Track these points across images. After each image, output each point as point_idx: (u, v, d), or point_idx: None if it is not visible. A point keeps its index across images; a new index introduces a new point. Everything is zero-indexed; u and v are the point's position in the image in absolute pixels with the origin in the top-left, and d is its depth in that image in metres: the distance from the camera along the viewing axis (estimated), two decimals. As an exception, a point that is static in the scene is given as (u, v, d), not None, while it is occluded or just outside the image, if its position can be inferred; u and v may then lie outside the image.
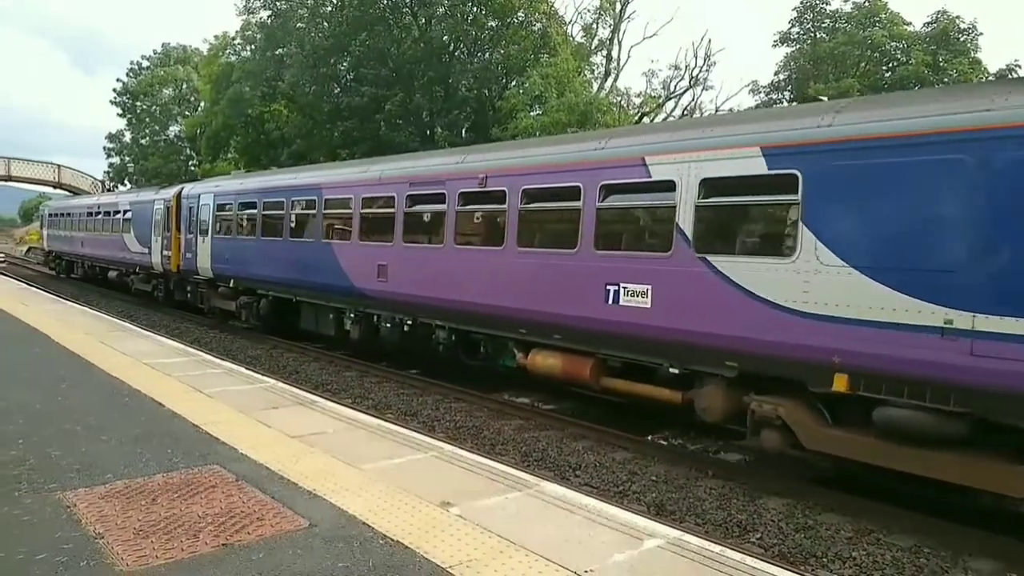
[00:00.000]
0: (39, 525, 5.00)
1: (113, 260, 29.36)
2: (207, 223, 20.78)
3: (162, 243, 23.58)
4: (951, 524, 7.47)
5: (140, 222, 25.75)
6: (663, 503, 8.22)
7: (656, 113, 41.29)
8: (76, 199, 42.57)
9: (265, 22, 44.75)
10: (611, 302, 9.58)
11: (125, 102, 77.31)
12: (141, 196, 27.13)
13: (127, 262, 27.41)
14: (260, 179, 19.99)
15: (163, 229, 23.50)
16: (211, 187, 21.67)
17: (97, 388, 9.40)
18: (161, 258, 23.67)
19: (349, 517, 5.32)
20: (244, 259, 18.95)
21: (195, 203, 21.73)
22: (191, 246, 21.63)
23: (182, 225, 22.35)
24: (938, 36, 38.13)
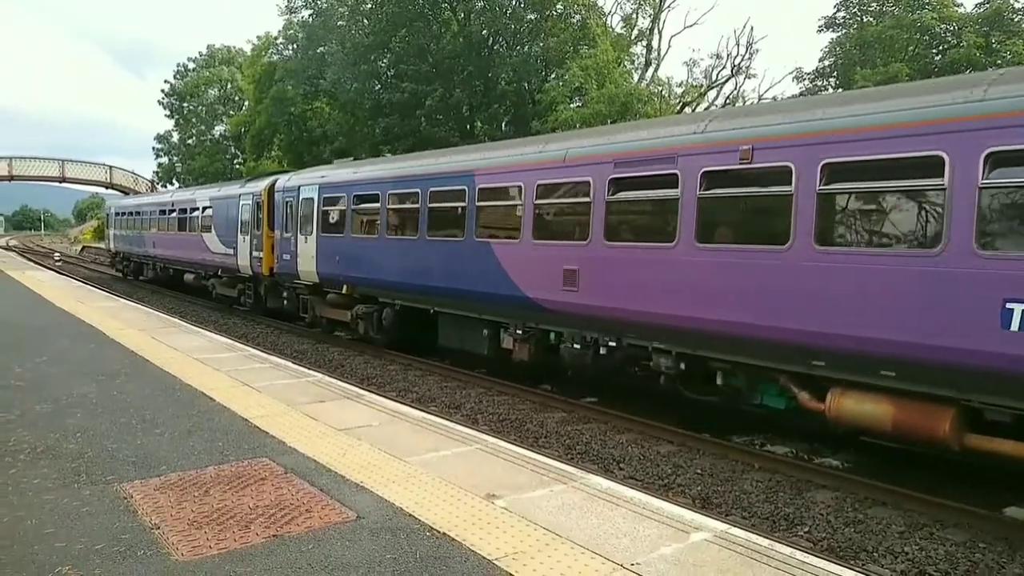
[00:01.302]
0: (98, 516, 5.16)
1: (190, 262, 26.83)
2: (311, 220, 18.00)
3: (251, 243, 21.04)
4: (1007, 518, 7.27)
5: (223, 220, 23.28)
6: (709, 496, 8.15)
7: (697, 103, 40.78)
8: (145, 196, 40.59)
9: (306, 21, 45.36)
10: (1013, 327, 6.54)
11: (172, 103, 79.16)
12: (223, 191, 24.32)
13: (207, 264, 24.85)
14: (382, 167, 16.77)
15: (252, 227, 21.01)
16: (314, 178, 18.57)
17: (150, 382, 9.65)
18: (250, 260, 21.13)
19: (396, 509, 5.38)
20: (362, 261, 16.08)
21: (293, 197, 18.92)
22: (289, 246, 18.88)
23: (276, 222, 19.72)
24: (991, 17, 36.92)
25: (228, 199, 23.11)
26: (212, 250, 24.11)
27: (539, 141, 12.71)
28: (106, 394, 8.88)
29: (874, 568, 6.44)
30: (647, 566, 4.53)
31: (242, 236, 21.66)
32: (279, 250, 19.49)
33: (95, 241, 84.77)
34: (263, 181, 21.30)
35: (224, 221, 23.18)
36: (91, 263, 50.96)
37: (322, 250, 17.59)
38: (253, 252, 20.93)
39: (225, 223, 23.03)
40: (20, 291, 23.24)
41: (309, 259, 18.01)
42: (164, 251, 29.90)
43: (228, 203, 22.98)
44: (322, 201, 17.75)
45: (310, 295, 18.70)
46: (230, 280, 23.58)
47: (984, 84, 7.01)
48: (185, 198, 28.21)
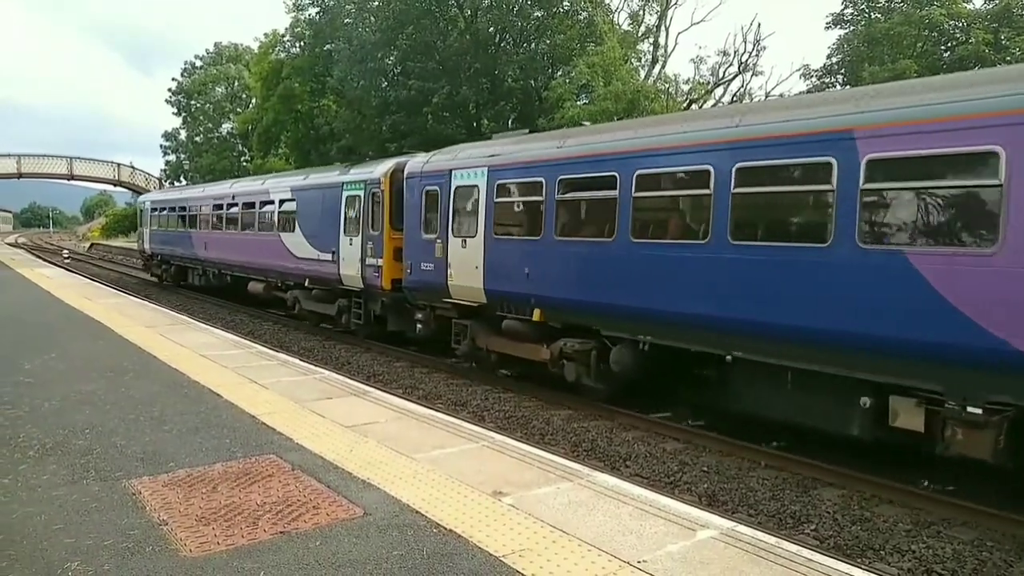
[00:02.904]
0: (107, 512, 5.19)
1: (260, 269, 21.63)
2: (474, 215, 13.08)
3: (363, 246, 16.21)
4: (1015, 516, 7.24)
5: (313, 216, 18.46)
6: (715, 494, 8.14)
7: (704, 100, 40.69)
8: (192, 188, 34.43)
9: (313, 19, 45.39)
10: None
11: (180, 101, 79.41)
12: (313, 179, 19.36)
13: (288, 272, 19.85)
14: (622, 136, 10.85)
15: (363, 225, 16.21)
16: (476, 157, 13.41)
17: (158, 379, 9.69)
18: (360, 269, 16.24)
19: (403, 506, 5.39)
20: (578, 276, 11.09)
21: (439, 185, 13.94)
22: (429, 252, 13.99)
23: (407, 219, 14.85)
24: (999, 13, 36.68)
25: (322, 189, 18.21)
26: (296, 254, 19.09)
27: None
28: (114, 391, 8.92)
29: (881, 566, 6.42)
30: (654, 563, 4.53)
31: (347, 237, 16.84)
32: (411, 256, 14.52)
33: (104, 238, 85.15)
34: (380, 165, 16.55)
35: (315, 218, 18.30)
36: (99, 260, 51.18)
37: (494, 258, 12.56)
38: (366, 258, 16.04)
39: (317, 220, 18.18)
40: (30, 288, 23.36)
41: (469, 270, 13.03)
42: (220, 254, 24.66)
43: (323, 195, 18.11)
44: (494, 189, 12.66)
45: (466, 319, 13.61)
46: (325, 293, 18.35)
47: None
48: (251, 189, 23.31)
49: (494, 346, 13.15)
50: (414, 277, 14.53)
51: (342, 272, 17.09)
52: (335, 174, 18.16)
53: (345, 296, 17.59)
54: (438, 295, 13.96)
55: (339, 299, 17.86)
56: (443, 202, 13.80)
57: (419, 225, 14.43)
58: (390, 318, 16.15)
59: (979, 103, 7.00)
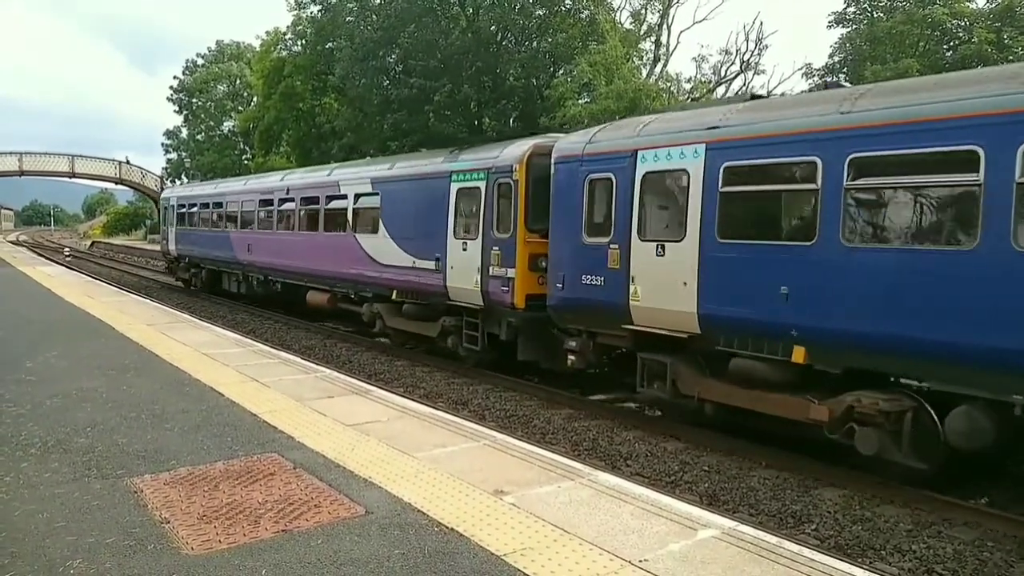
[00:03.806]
0: (108, 510, 5.19)
1: (326, 276, 18.05)
2: (679, 212, 9.67)
3: (484, 252, 12.77)
4: (1015, 516, 7.24)
5: (405, 214, 15.20)
6: (716, 493, 8.14)
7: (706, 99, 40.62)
8: (231, 181, 29.45)
9: (315, 16, 45.36)
10: None
11: (182, 99, 79.49)
12: (405, 168, 15.73)
13: (367, 281, 16.26)
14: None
15: (485, 226, 12.84)
16: (682, 131, 9.83)
17: (159, 377, 9.70)
18: (479, 280, 12.82)
19: (404, 504, 5.40)
20: (878, 299, 7.72)
21: (618, 171, 10.41)
22: (596, 261, 10.59)
23: (557, 217, 11.41)
24: (1002, 12, 36.63)
25: (420, 181, 14.86)
26: (379, 260, 15.71)
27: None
28: (116, 389, 8.93)
29: (882, 566, 6.43)
30: (655, 563, 4.53)
31: (458, 241, 13.47)
32: (564, 266, 11.14)
33: (105, 236, 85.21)
34: (508, 147, 12.96)
35: (409, 216, 15.02)
36: (100, 258, 51.22)
37: (718, 271, 9.15)
38: (489, 268, 12.63)
39: (412, 219, 14.87)
40: (31, 286, 23.39)
41: (670, 287, 9.57)
42: (268, 258, 21.11)
43: (420, 187, 14.76)
44: (719, 175, 9.15)
45: (656, 353, 10.06)
46: (422, 310, 14.86)
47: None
48: (313, 181, 19.60)
49: (713, 394, 9.50)
50: (567, 294, 11.06)
51: (451, 284, 13.53)
52: (438, 161, 14.63)
53: (453, 314, 13.93)
54: (610, 319, 10.44)
55: (443, 317, 14.19)
56: (621, 194, 10.29)
57: (578, 225, 10.90)
58: (522, 344, 12.54)
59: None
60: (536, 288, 12.05)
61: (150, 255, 51.18)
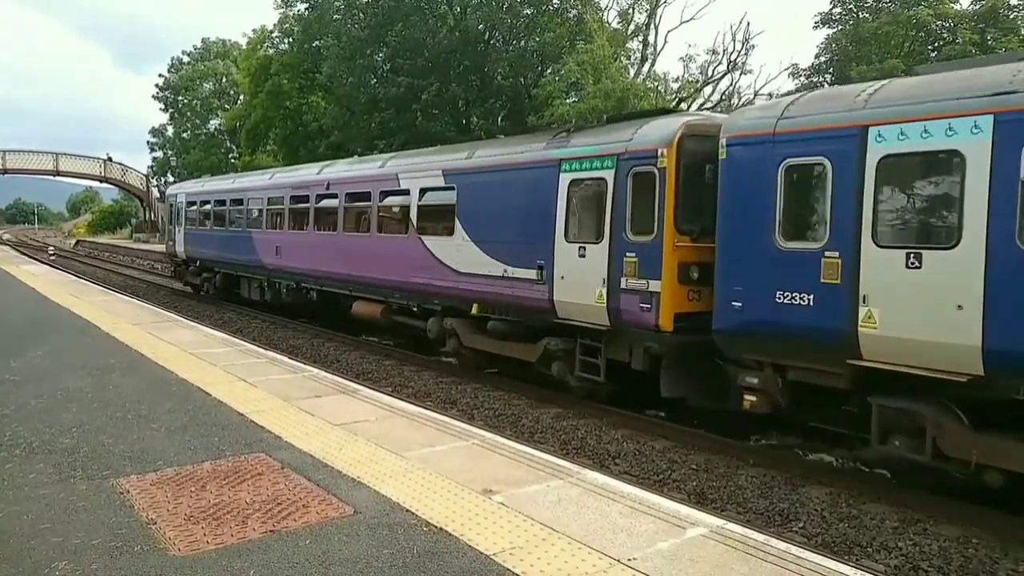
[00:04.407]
0: (94, 511, 5.15)
1: (379, 284, 15.52)
2: (953, 206, 7.11)
3: (612, 259, 10.24)
4: (1000, 513, 7.31)
5: (491, 212, 12.58)
6: (704, 492, 8.17)
7: (693, 99, 40.79)
8: (253, 175, 25.64)
9: (302, 15, 45.23)
10: None
11: (167, 97, 79.10)
12: (491, 156, 13.02)
13: (437, 292, 13.70)
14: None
15: (614, 226, 10.23)
16: (943, 98, 7.16)
17: (145, 377, 9.63)
18: (605, 294, 10.26)
19: (393, 504, 5.38)
20: None
21: (833, 154, 7.92)
22: (804, 272, 8.07)
23: (731, 216, 8.86)
24: (986, 14, 36.98)
25: (513, 172, 12.20)
26: (455, 267, 13.15)
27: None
28: (101, 389, 8.86)
29: (868, 563, 6.47)
30: (644, 561, 4.54)
31: (572, 245, 10.90)
32: (745, 279, 8.62)
33: (90, 235, 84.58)
34: (643, 128, 10.25)
35: (498, 214, 12.36)
36: (85, 257, 50.83)
37: (1017, 293, 6.69)
38: (621, 279, 10.08)
39: (501, 218, 12.29)
40: (14, 285, 23.18)
41: (935, 310, 7.09)
42: (301, 263, 18.42)
43: (514, 179, 12.11)
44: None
45: (923, 405, 7.42)
46: (517, 328, 12.30)
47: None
48: (362, 174, 16.88)
49: (1006, 460, 6.95)
50: (750, 315, 8.52)
51: (559, 298, 11.02)
52: (539, 147, 11.86)
53: (560, 334, 11.44)
54: (821, 350, 8.02)
55: (547, 338, 11.62)
56: (841, 184, 7.83)
57: (767, 225, 8.36)
58: (668, 377, 9.95)
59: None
60: (686, 305, 9.58)
61: (136, 254, 50.86)
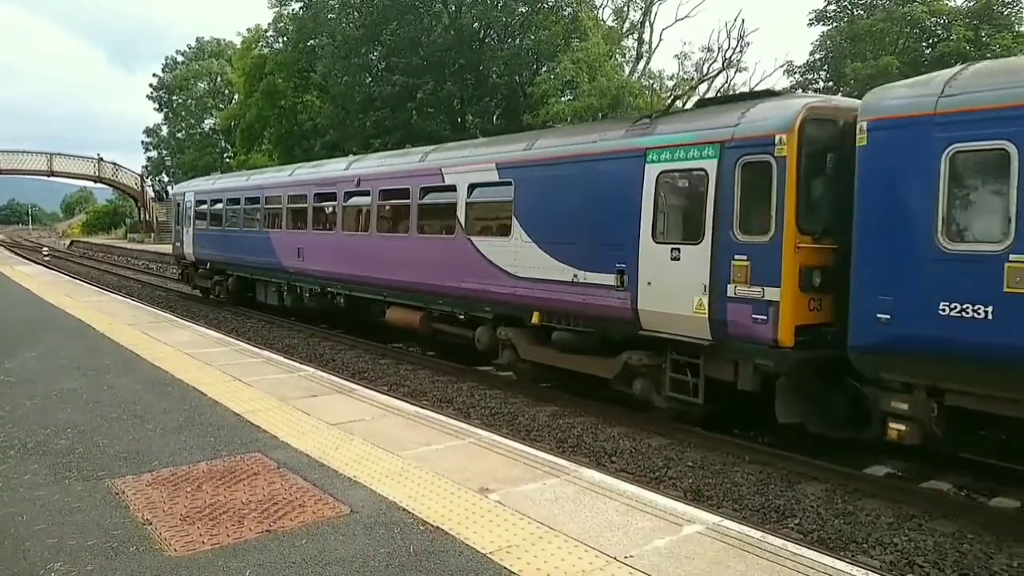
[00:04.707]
0: (89, 512, 5.14)
1: (420, 289, 14.05)
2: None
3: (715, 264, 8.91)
4: (995, 509, 7.34)
5: (555, 209, 11.18)
6: (700, 489, 8.19)
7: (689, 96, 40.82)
8: (271, 171, 24.02)
9: (297, 14, 45.16)
10: None
11: (162, 96, 78.93)
12: (554, 147, 11.60)
13: (490, 297, 12.34)
14: None
15: (717, 225, 8.92)
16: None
17: (140, 377, 9.61)
18: (706, 303, 8.97)
19: (389, 503, 5.38)
20: None
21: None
22: (974, 280, 6.83)
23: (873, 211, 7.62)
24: (980, 10, 37.08)
25: (582, 163, 10.77)
26: (510, 270, 11.78)
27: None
28: (96, 389, 8.84)
29: (864, 559, 6.49)
30: (640, 559, 4.55)
31: (658, 246, 9.58)
32: (899, 289, 7.37)
33: (84, 235, 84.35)
34: (753, 110, 8.94)
35: (566, 211, 10.97)
36: (80, 257, 50.69)
37: None
38: (729, 286, 8.74)
39: (569, 215, 10.89)
40: (9, 286, 23.11)
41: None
42: (330, 265, 16.95)
43: (585, 172, 10.67)
44: None
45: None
46: (589, 340, 10.94)
47: None
48: (398, 169, 15.33)
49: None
50: (902, 329, 7.28)
51: (645, 307, 9.68)
52: (618, 134, 10.47)
53: (643, 348, 10.04)
54: (1001, 373, 6.74)
55: (627, 353, 10.25)
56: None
57: (925, 223, 7.14)
58: (785, 399, 8.59)
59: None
60: (807, 316, 8.35)
61: (131, 254, 50.76)
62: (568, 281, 10.81)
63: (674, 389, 9.71)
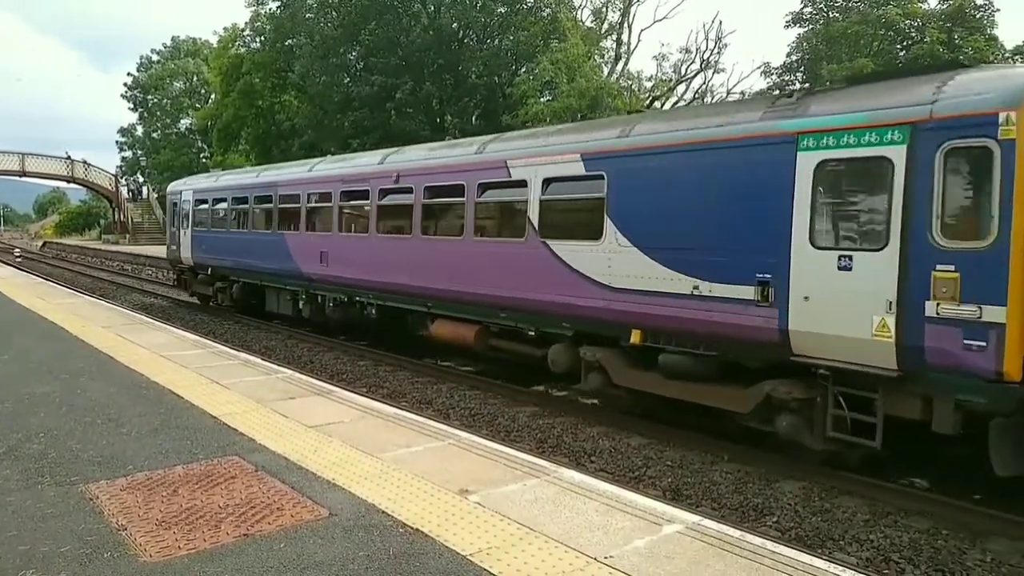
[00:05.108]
0: (63, 518, 5.06)
1: (478, 301, 12.13)
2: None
3: (908, 273, 7.10)
4: (968, 505, 7.44)
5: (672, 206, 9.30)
6: (679, 488, 8.22)
7: (667, 97, 41.05)
8: (286, 167, 20.80)
9: (274, 13, 44.83)
10: None
11: (136, 96, 78.04)
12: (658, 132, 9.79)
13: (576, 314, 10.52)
14: None
15: (914, 224, 7.09)
16: None
17: (115, 381, 9.48)
18: (894, 324, 7.16)
19: (368, 506, 5.35)
20: None
21: None
22: None
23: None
24: (953, 13, 37.64)
25: (704, 151, 8.97)
26: (602, 279, 10.00)
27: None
28: (70, 393, 8.71)
29: (841, 556, 6.55)
30: (620, 559, 4.55)
31: (819, 252, 7.78)
32: None
33: (57, 237, 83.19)
34: (954, 81, 7.16)
35: (681, 209, 9.18)
36: (53, 259, 49.99)
37: None
38: (928, 303, 6.99)
39: (687, 214, 9.09)
40: (-20, 288, 22.71)
41: None
42: (361, 272, 15.06)
43: (709, 162, 8.87)
44: None
45: None
46: (711, 365, 9.12)
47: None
48: (449, 162, 13.23)
49: None
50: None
51: (800, 327, 7.91)
52: (753, 118, 8.68)
53: (792, 377, 8.26)
54: None
55: (767, 383, 8.47)
56: None
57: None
58: (1005, 446, 6.88)
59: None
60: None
61: (104, 255, 50.09)
62: (684, 294, 8.94)
63: (837, 428, 7.89)
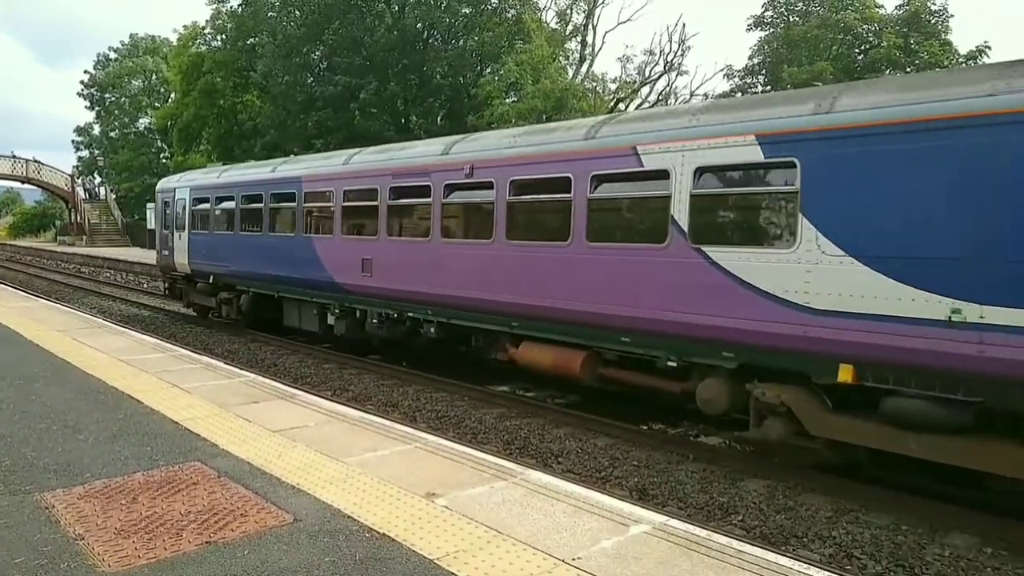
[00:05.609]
0: (17, 528, 4.92)
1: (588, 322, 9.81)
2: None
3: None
4: (928, 501, 7.58)
5: (913, 202, 6.85)
6: (645, 488, 8.27)
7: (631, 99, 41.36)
8: (309, 159, 17.73)
9: (236, 11, 44.23)
10: None
11: (93, 94, 76.37)
12: (883, 106, 7.16)
13: (740, 340, 8.16)
14: None
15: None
16: None
17: (72, 386, 9.25)
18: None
19: (334, 511, 5.28)
20: None
21: None
22: None
23: None
24: (909, 18, 38.43)
25: (962, 130, 6.49)
26: (796, 299, 7.61)
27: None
28: (24, 399, 8.48)
29: (805, 553, 6.64)
30: (588, 560, 4.56)
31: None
32: None
33: (11, 238, 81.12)
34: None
35: (922, 211, 6.81)
36: (6, 261, 48.72)
37: None
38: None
39: (929, 218, 6.78)
40: (-71, 291, 22.04)
41: None
42: (421, 285, 12.44)
43: (968, 143, 6.46)
44: None
45: None
46: (963, 413, 6.74)
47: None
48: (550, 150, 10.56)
49: None
50: None
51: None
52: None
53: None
54: None
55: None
56: None
57: None
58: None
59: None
60: None
61: (60, 257, 48.95)
62: (937, 320, 6.72)
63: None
